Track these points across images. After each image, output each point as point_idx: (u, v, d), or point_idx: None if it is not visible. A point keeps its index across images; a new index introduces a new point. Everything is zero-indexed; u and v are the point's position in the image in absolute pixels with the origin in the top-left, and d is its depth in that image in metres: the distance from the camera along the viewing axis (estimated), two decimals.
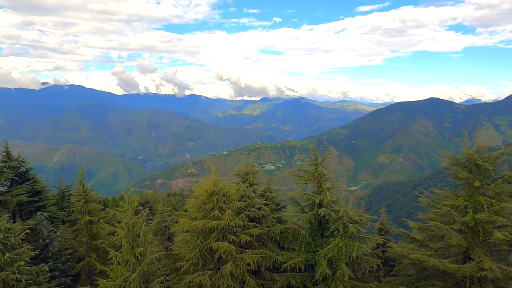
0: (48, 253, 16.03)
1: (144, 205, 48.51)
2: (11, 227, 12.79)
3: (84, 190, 18.11)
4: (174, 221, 27.75)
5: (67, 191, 24.21)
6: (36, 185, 18.79)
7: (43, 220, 16.52)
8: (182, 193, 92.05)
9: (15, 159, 18.54)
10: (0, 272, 12.00)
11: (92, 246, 17.82)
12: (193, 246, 13.42)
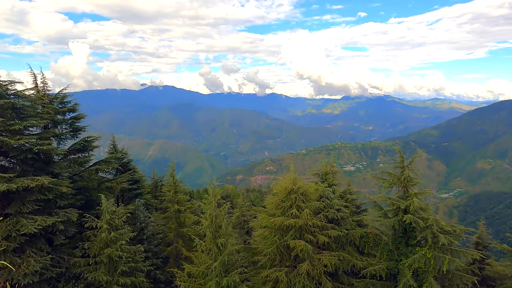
0: (144, 236, 18.01)
1: (225, 199, 51.05)
2: (115, 210, 14.73)
3: (174, 181, 19.86)
4: (252, 216, 28.70)
5: (160, 181, 26.85)
6: (135, 174, 21.25)
7: (140, 206, 18.62)
8: (261, 189, 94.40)
9: (120, 151, 21.27)
10: (106, 248, 13.92)
11: (180, 233, 19.46)
12: (270, 242, 13.71)
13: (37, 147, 14.68)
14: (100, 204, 14.62)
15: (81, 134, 18.42)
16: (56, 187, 14.48)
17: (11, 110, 14.88)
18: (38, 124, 15.64)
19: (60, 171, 16.50)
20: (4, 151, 14.34)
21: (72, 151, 17.73)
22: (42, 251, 13.80)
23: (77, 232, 15.68)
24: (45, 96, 17.53)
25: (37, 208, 13.88)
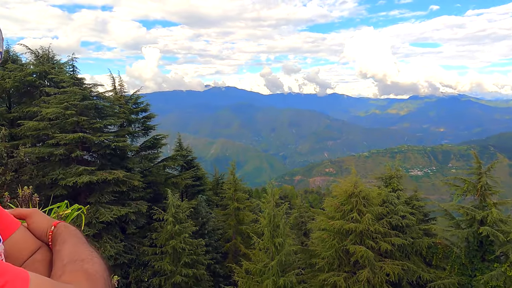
0: (205, 230, 18.85)
1: (284, 199, 51.07)
2: (180, 204, 15.62)
3: (234, 179, 20.45)
4: (310, 217, 28.30)
5: (221, 179, 27.84)
6: (199, 172, 22.33)
7: (203, 201, 19.52)
8: (319, 191, 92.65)
9: (185, 149, 22.53)
10: (171, 239, 14.84)
11: (238, 230, 19.98)
12: (329, 245, 13.41)
13: (114, 143, 16.22)
14: (166, 198, 15.65)
15: (151, 132, 19.91)
16: (129, 181, 15.84)
17: (94, 110, 16.63)
18: (116, 122, 17.29)
19: (133, 166, 18.01)
20: (87, 147, 16.07)
21: (143, 148, 19.26)
22: (116, 238, 15.19)
23: (146, 223, 16.98)
24: (122, 97, 19.27)
25: (113, 199, 15.33)
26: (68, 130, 15.54)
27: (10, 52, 18.98)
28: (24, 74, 17.04)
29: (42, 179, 14.91)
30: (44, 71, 17.76)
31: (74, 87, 15.98)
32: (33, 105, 16.48)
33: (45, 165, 15.54)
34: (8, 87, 16.75)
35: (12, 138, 16.20)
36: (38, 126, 15.14)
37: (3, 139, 14.87)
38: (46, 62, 18.72)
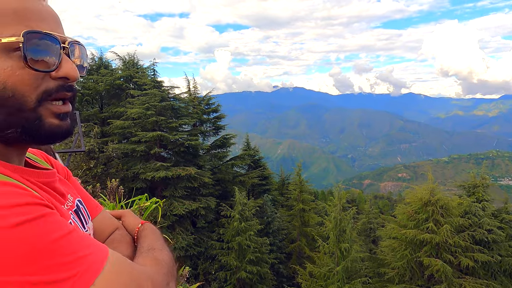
0: (270, 230, 19.07)
1: (351, 203, 49.24)
2: (246, 202, 16.04)
3: (300, 180, 20.33)
4: (380, 224, 26.84)
5: (286, 180, 27.88)
6: (265, 171, 22.67)
7: (268, 201, 19.77)
8: (390, 197, 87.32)
9: (252, 148, 23.07)
10: (237, 236, 15.32)
11: (303, 231, 19.82)
12: (400, 255, 12.59)
13: (187, 142, 17.31)
14: (234, 195, 16.20)
15: (221, 132, 20.80)
16: (200, 177, 16.76)
17: (171, 110, 17.94)
18: (189, 122, 18.45)
19: (204, 164, 19.01)
20: (164, 144, 17.42)
21: (213, 146, 20.21)
22: (187, 231, 16.20)
23: (214, 218, 17.81)
24: (195, 99, 20.47)
25: (185, 194, 16.38)
26: (148, 128, 17.01)
27: (103, 59, 21.45)
28: (113, 78, 19.15)
29: (125, 173, 16.58)
30: (130, 75, 19.72)
31: (154, 89, 17.45)
32: (120, 106, 18.40)
33: (129, 160, 17.23)
34: (100, 90, 18.98)
35: (103, 135, 18.28)
36: (123, 125, 16.86)
37: (96, 136, 16.87)
38: (132, 67, 20.76)
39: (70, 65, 0.56)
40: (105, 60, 21.61)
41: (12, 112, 0.51)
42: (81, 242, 0.48)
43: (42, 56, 0.53)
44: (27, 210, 0.44)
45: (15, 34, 0.50)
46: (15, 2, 0.52)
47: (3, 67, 0.50)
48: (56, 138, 0.58)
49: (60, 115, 0.57)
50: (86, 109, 19.30)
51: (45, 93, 0.54)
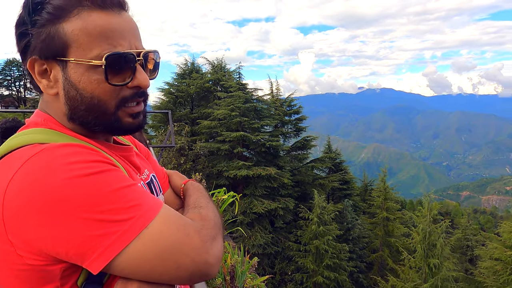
0: (349, 236, 18.35)
1: (444, 216, 44.46)
2: (326, 206, 15.73)
3: (384, 187, 19.13)
4: (480, 242, 23.67)
5: (370, 185, 26.48)
6: (346, 175, 21.89)
7: (349, 206, 19.05)
8: (495, 212, 76.26)
9: (333, 151, 22.50)
10: (315, 239, 15.12)
11: (386, 242, 18.59)
12: (504, 280, 10.95)
13: (268, 142, 17.72)
14: (313, 198, 16.02)
15: (302, 133, 20.77)
16: (280, 178, 17.00)
17: (253, 111, 18.59)
18: (271, 123, 18.87)
19: (284, 165, 19.22)
20: (246, 144, 18.12)
21: (294, 148, 20.30)
22: (266, 230, 16.56)
23: (292, 220, 17.86)
24: (277, 100, 20.84)
25: (265, 193, 16.78)
26: (233, 129, 17.88)
27: (194, 64, 23.25)
28: (203, 81, 20.65)
29: (211, 170, 17.71)
30: (218, 79, 21.03)
31: (239, 92, 18.29)
32: (208, 107, 19.75)
33: (214, 158, 18.36)
34: (192, 92, 20.64)
35: (192, 134, 19.82)
36: (210, 125, 18.05)
37: (186, 135, 18.39)
38: (219, 71, 22.09)
39: (143, 76, 0.68)
40: (197, 65, 23.39)
41: (98, 115, 0.66)
42: (139, 194, 0.59)
43: (119, 73, 0.66)
44: (97, 165, 0.57)
45: (99, 55, 0.63)
46: (100, 23, 0.63)
47: (90, 80, 0.64)
48: (130, 132, 0.72)
49: (134, 115, 0.70)
50: (179, 110, 21.16)
51: (122, 100, 0.67)
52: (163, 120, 19.49)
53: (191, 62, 23.22)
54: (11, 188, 0.52)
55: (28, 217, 0.51)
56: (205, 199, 0.80)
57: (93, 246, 0.52)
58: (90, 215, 0.52)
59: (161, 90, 21.52)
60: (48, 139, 0.61)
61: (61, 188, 0.51)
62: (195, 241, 0.59)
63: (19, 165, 0.53)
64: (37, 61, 0.65)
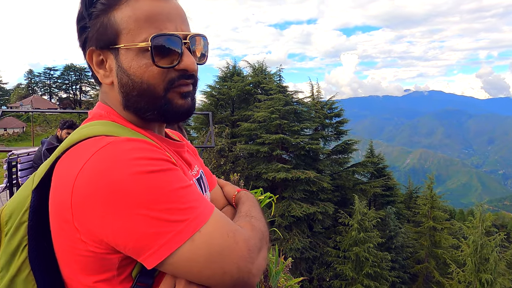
0: (392, 245, 17.57)
1: (499, 228, 41.06)
2: (367, 212, 15.22)
3: (431, 195, 18.13)
4: None
5: (415, 192, 25.20)
6: (389, 181, 21.02)
7: (391, 214, 18.26)
8: None
9: (376, 156, 21.72)
10: (355, 246, 14.68)
11: (433, 253, 17.56)
12: None
13: (308, 145, 17.53)
14: (353, 203, 15.58)
15: (343, 137, 20.30)
16: (319, 182, 16.73)
17: (293, 114, 18.51)
18: (311, 126, 18.68)
19: (323, 168, 18.90)
20: (285, 147, 18.06)
21: (334, 151, 19.89)
22: (304, 234, 16.37)
23: (331, 225, 17.48)
24: (318, 103, 20.57)
25: (303, 197, 16.61)
26: (272, 131, 17.92)
27: (236, 67, 23.66)
28: (244, 84, 20.94)
29: (250, 171, 17.87)
30: (258, 81, 21.20)
31: (279, 94, 18.31)
32: (248, 109, 19.97)
33: (253, 160, 18.51)
34: (233, 95, 21.00)
35: (232, 136, 20.15)
36: (250, 127, 18.23)
37: (226, 137, 18.74)
38: (260, 73, 22.27)
39: (190, 59, 0.68)
40: (238, 68, 23.78)
41: (149, 100, 0.68)
42: (195, 196, 0.61)
43: (166, 55, 0.66)
44: (160, 163, 0.58)
45: (145, 39, 0.65)
46: (147, 8, 0.66)
47: (139, 64, 0.66)
48: (182, 116, 0.71)
49: (183, 94, 0.70)
50: (220, 112, 21.62)
51: (169, 82, 0.67)
52: (205, 122, 20.02)
53: (232, 66, 23.67)
54: (80, 178, 0.55)
55: (93, 207, 0.54)
56: (257, 210, 0.81)
57: (149, 243, 0.54)
58: (149, 212, 0.54)
59: (204, 93, 22.14)
60: (112, 132, 0.64)
61: (125, 182, 0.54)
62: (243, 249, 0.60)
63: (89, 156, 0.57)
64: (94, 52, 0.69)
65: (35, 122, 53.29)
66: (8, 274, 0.61)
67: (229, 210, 0.90)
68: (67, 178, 0.57)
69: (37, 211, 0.62)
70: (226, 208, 0.92)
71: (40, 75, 76.30)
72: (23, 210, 0.63)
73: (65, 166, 0.59)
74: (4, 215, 0.64)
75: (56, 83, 75.72)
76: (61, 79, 75.32)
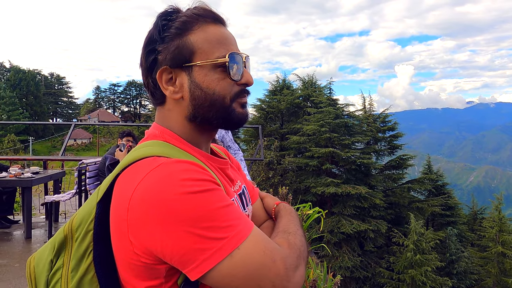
0: (453, 270, 16.16)
1: None
2: (424, 232, 14.23)
3: (499, 217, 16.45)
4: None
5: (480, 213, 23.03)
6: (450, 200, 19.47)
7: (453, 236, 16.85)
8: None
9: (434, 172, 20.30)
10: (410, 269, 13.74)
11: (502, 282, 15.80)
12: None
13: (359, 160, 16.95)
14: (408, 222, 14.67)
15: (397, 151, 19.32)
16: (371, 198, 16.03)
17: (344, 127, 18.08)
18: (363, 140, 18.07)
19: (376, 184, 18.09)
20: (335, 161, 17.64)
21: (387, 167, 18.98)
22: (354, 252, 15.70)
23: (384, 244, 16.56)
24: (370, 116, 19.90)
25: (354, 213, 16.00)
26: (322, 144, 17.65)
27: (286, 80, 23.85)
28: (293, 97, 21.00)
29: (298, 185, 17.68)
30: (308, 94, 21.13)
31: (329, 107, 18.05)
32: (297, 122, 19.93)
33: (302, 173, 18.31)
34: (282, 108, 21.13)
35: (281, 149, 20.18)
36: (299, 140, 18.13)
37: (275, 150, 18.82)
38: (310, 86, 22.19)
39: (249, 74, 0.81)
40: (288, 81, 23.94)
41: (218, 109, 0.78)
42: (235, 214, 0.65)
43: (236, 70, 0.78)
44: (204, 184, 0.63)
45: (221, 55, 0.76)
46: (216, 33, 0.78)
47: (213, 79, 0.76)
48: (241, 123, 0.81)
49: (243, 105, 0.81)
50: (269, 125, 21.83)
51: (234, 95, 0.78)
52: (254, 134, 20.32)
53: (282, 79, 23.88)
54: (136, 195, 0.62)
55: (145, 223, 0.61)
56: (295, 225, 0.83)
57: (192, 258, 0.59)
58: (193, 229, 0.59)
59: (254, 106, 22.56)
60: (164, 152, 0.72)
61: (172, 202, 0.60)
62: (280, 267, 0.62)
63: (143, 176, 0.64)
64: (165, 71, 0.78)
65: (100, 134, 58.09)
66: (77, 274, 0.71)
67: (269, 225, 0.93)
68: (124, 195, 0.65)
69: (100, 222, 0.71)
70: (267, 223, 0.96)
71: (105, 91, 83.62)
72: (89, 220, 0.72)
73: (123, 184, 0.67)
74: (75, 223, 0.74)
75: (119, 98, 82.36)
76: (124, 94, 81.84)
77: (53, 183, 6.18)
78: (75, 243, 0.72)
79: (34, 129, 60.09)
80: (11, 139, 47.95)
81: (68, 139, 8.09)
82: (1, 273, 3.99)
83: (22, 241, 5.10)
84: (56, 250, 0.74)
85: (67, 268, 0.71)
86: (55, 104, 77.06)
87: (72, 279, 0.70)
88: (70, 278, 0.71)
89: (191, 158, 0.75)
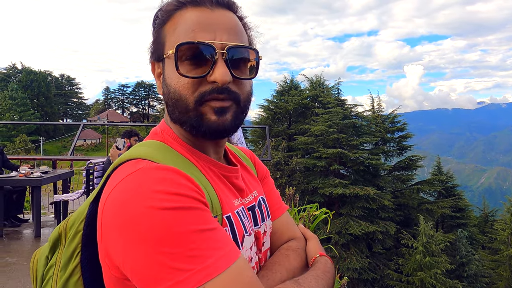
0: (464, 273, 15.91)
1: None
2: (434, 235, 14.05)
3: (511, 219, 16.15)
4: None
5: (491, 215, 22.66)
6: (460, 202, 19.19)
7: (463, 238, 16.59)
8: None
9: (444, 174, 20.03)
10: (419, 271, 13.57)
11: None
12: None
13: (368, 160, 16.82)
14: (417, 224, 14.50)
15: (406, 152, 19.12)
16: (380, 199, 15.89)
17: (352, 128, 17.96)
18: (371, 141, 17.93)
19: (384, 185, 17.92)
20: (343, 162, 17.53)
21: (396, 168, 18.79)
22: (362, 253, 15.57)
23: (393, 246, 16.39)
24: (379, 117, 19.73)
25: (362, 214, 15.87)
26: (329, 145, 17.55)
27: (293, 81, 23.79)
28: (301, 98, 20.93)
29: (306, 186, 17.61)
30: (316, 95, 21.04)
31: (337, 108, 17.94)
32: (305, 123, 19.85)
33: (309, 174, 18.23)
34: (290, 109, 21.08)
35: (289, 150, 20.12)
36: (307, 141, 18.06)
37: (283, 150, 18.77)
38: (318, 87, 22.09)
39: (220, 71, 0.62)
40: (296, 82, 23.88)
41: (181, 111, 0.65)
42: (212, 243, 0.52)
43: (195, 65, 0.63)
44: (176, 199, 0.52)
45: (172, 46, 0.63)
46: (187, 19, 0.65)
47: (171, 75, 0.65)
48: (216, 133, 0.65)
49: (216, 110, 0.63)
50: (277, 125, 21.79)
51: (200, 95, 0.63)
52: (261, 135, 20.30)
53: (290, 80, 23.83)
54: (108, 201, 0.56)
55: (111, 233, 0.54)
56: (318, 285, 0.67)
57: (148, 284, 0.49)
58: (153, 252, 0.49)
59: (261, 107, 22.54)
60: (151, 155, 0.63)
61: (138, 216, 0.51)
62: None
63: (119, 180, 0.57)
64: (154, 65, 0.72)
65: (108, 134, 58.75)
66: (64, 275, 0.66)
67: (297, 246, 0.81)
68: (102, 198, 0.59)
69: (90, 223, 0.65)
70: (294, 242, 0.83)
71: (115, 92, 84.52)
72: (80, 220, 0.67)
73: (107, 186, 0.61)
74: (70, 221, 0.69)
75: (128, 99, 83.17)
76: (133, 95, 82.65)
77: (62, 183, 6.25)
78: (66, 242, 0.68)
79: (45, 130, 61.08)
80: (22, 139, 48.83)
81: (76, 139, 8.18)
82: (10, 271, 4.04)
83: (31, 240, 5.16)
84: (51, 247, 0.71)
85: (58, 266, 0.68)
86: (66, 105, 78.17)
87: (60, 279, 0.66)
88: (58, 278, 0.67)
89: (185, 163, 0.66)
